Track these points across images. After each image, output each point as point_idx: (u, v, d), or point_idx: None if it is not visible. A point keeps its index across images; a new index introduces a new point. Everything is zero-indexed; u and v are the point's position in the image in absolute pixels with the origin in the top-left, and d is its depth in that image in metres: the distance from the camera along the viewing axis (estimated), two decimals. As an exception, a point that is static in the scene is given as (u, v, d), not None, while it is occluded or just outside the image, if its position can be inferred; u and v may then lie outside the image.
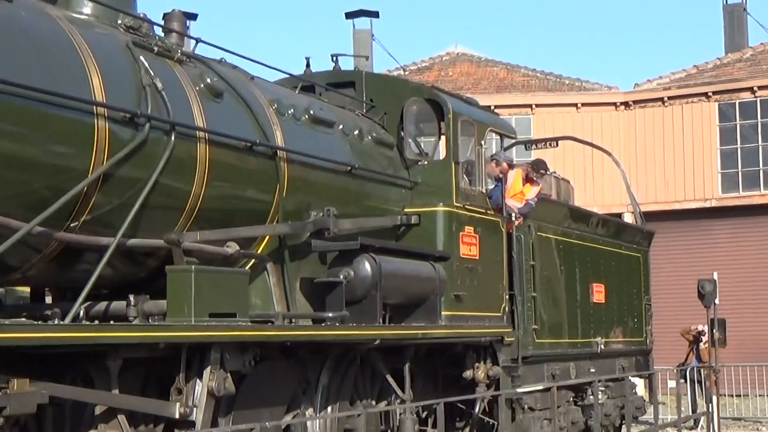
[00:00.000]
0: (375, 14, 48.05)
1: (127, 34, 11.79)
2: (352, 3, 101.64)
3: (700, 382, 26.71)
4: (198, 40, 13.04)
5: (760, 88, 41.92)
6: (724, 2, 48.63)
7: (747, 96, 42.20)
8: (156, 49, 11.95)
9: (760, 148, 41.95)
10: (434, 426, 14.32)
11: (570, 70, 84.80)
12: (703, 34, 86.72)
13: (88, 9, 11.77)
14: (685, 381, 27.60)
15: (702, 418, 24.55)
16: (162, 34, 12.54)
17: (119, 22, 11.92)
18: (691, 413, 25.19)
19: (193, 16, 12.85)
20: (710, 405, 24.08)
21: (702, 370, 25.98)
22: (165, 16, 12.81)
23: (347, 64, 17.85)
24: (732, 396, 30.50)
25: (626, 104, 44.09)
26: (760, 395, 32.27)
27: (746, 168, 42.22)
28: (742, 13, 47.86)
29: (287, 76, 16.18)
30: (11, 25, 10.08)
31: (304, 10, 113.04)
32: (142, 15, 12.34)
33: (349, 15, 48.48)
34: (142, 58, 11.51)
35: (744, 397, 31.85)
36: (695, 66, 45.60)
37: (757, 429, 27.00)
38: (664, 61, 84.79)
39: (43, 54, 10.29)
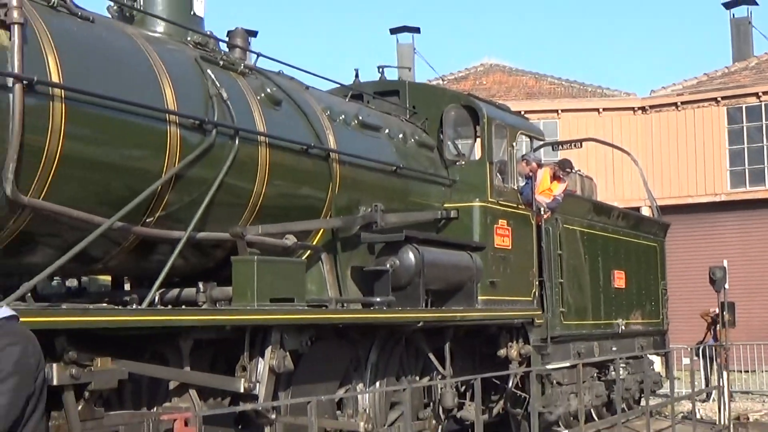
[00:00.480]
0: (416, 30, 48.45)
1: (195, 49, 11.87)
2: (395, 20, 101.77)
3: (712, 359, 26.50)
4: (259, 55, 13.03)
5: (765, 93, 41.68)
6: (731, 16, 48.49)
7: (753, 101, 42.03)
8: (221, 62, 11.99)
9: (765, 147, 41.75)
10: (472, 399, 14.27)
11: (592, 78, 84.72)
12: (713, 43, 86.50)
13: (161, 27, 11.85)
14: (698, 358, 27.49)
15: (714, 391, 24.36)
16: (227, 50, 12.54)
17: (188, 39, 12.01)
18: (704, 387, 24.98)
19: (253, 33, 12.84)
20: (721, 380, 23.89)
21: (714, 348, 25.80)
22: (229, 33, 12.83)
23: (392, 75, 17.80)
24: (741, 372, 30.34)
25: (643, 109, 44.00)
26: (766, 371, 32.03)
27: (752, 166, 42.05)
28: (748, 26, 47.73)
29: (338, 85, 16.18)
30: (94, 43, 10.20)
31: (353, 26, 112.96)
32: (209, 33, 12.39)
33: (393, 31, 48.80)
34: (209, 71, 11.56)
35: (752, 372, 31.73)
36: (705, 74, 45.45)
37: (764, 401, 26.79)
38: (677, 68, 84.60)
39: (122, 68, 10.35)
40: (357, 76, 16.85)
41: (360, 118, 14.42)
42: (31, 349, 6.29)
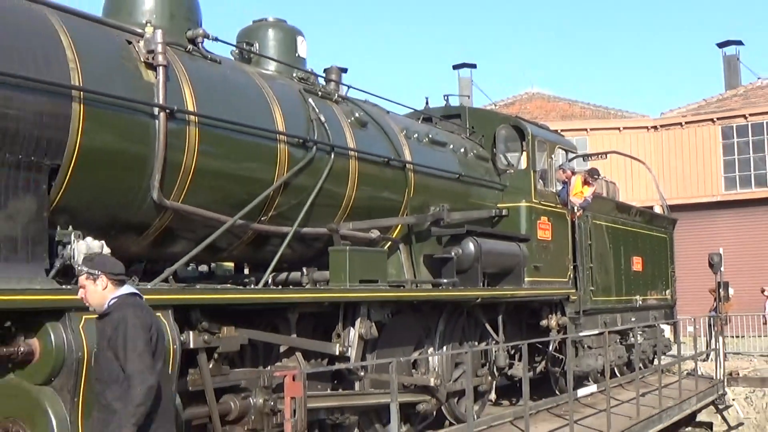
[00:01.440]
0: (473, 66, 48.47)
1: (299, 83, 11.95)
2: (457, 57, 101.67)
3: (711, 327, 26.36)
4: (349, 87, 13.05)
5: (751, 115, 41.82)
6: (724, 53, 48.60)
7: (741, 121, 42.06)
8: (320, 93, 12.08)
9: (751, 158, 41.79)
10: (520, 360, 14.20)
11: (614, 102, 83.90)
12: (709, 74, 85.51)
13: (272, 66, 11.94)
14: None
15: (712, 353, 24.16)
16: (324, 83, 12.56)
17: (294, 75, 12.08)
18: (704, 350, 24.89)
19: (344, 70, 12.77)
20: (717, 343, 23.75)
21: (712, 318, 25.72)
22: (325, 70, 12.84)
23: (454, 102, 17.69)
24: (733, 337, 30.19)
25: (655, 127, 43.82)
26: (753, 336, 32.02)
27: (742, 173, 42.01)
28: (736, 61, 47.74)
29: (412, 110, 16.09)
30: (220, 79, 10.35)
31: (424, 63, 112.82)
32: (309, 70, 12.44)
33: (455, 66, 48.77)
34: (310, 100, 11.64)
35: (742, 337, 31.68)
36: (704, 99, 45.57)
37: (751, 360, 26.64)
38: (682, 93, 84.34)
39: (242, 99, 10.46)
40: (427, 103, 16.83)
41: (430, 136, 14.40)
42: (143, 313, 6.38)
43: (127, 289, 6.62)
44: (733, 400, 23.64)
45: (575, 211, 17.33)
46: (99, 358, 6.46)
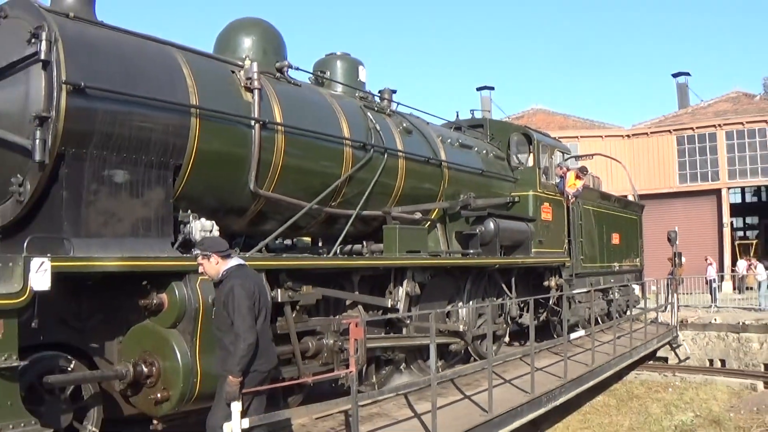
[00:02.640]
0: (492, 88, 48.20)
1: (360, 101, 11.91)
2: (479, 81, 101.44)
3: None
4: (398, 104, 12.98)
5: (698, 127, 42.18)
6: (677, 82, 48.81)
7: (690, 132, 42.41)
8: (376, 108, 12.07)
9: (698, 160, 42.12)
10: (528, 311, 14.17)
11: (598, 116, 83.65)
12: (666, 95, 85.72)
13: (339, 88, 11.91)
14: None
15: (669, 305, 24.08)
16: (379, 101, 12.52)
17: (356, 94, 12.03)
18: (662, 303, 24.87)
19: (394, 91, 12.73)
20: (673, 299, 23.76)
21: (669, 280, 25.71)
22: (380, 91, 12.81)
23: (478, 115, 17.60)
24: (684, 294, 30.14)
25: (628, 136, 43.94)
26: (698, 293, 32.31)
27: (691, 170, 42.37)
28: (686, 87, 48.02)
29: (446, 121, 16.03)
30: (300, 98, 10.34)
31: (455, 86, 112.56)
32: (368, 91, 12.40)
33: (478, 88, 48.50)
34: (368, 113, 11.60)
35: (690, 294, 31.81)
36: (663, 115, 45.78)
37: (696, 311, 26.52)
38: (648, 108, 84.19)
39: (317, 113, 10.43)
40: (457, 116, 16.68)
41: (460, 140, 14.30)
42: (247, 283, 6.44)
43: (235, 261, 6.71)
44: (683, 340, 23.56)
45: (569, 198, 17.21)
46: (217, 315, 6.56)
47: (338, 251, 10.88)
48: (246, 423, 6.30)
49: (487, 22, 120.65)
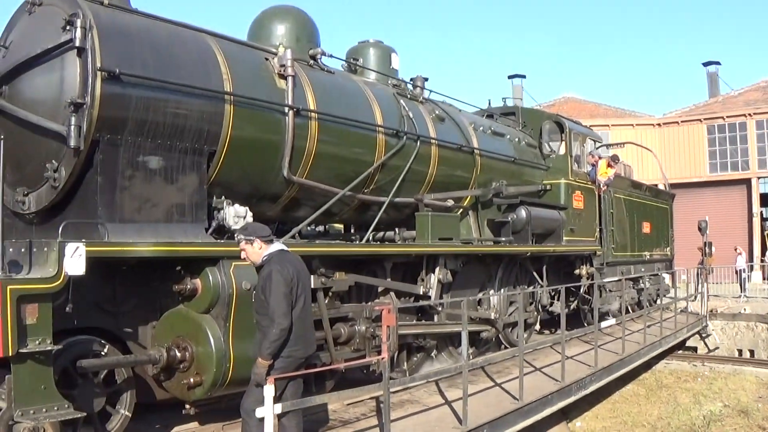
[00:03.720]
0: (523, 76, 47.80)
1: (393, 88, 11.77)
2: (511, 69, 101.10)
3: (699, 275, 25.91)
4: (431, 91, 12.76)
5: (728, 117, 41.49)
6: (707, 71, 47.80)
7: (721, 121, 41.65)
8: (409, 96, 11.88)
9: (728, 149, 41.42)
10: (558, 299, 13.95)
11: (629, 105, 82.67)
12: (697, 84, 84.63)
13: (372, 76, 11.82)
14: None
15: (698, 295, 23.74)
16: (411, 88, 12.31)
17: (389, 82, 11.90)
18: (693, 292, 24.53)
19: (426, 79, 12.56)
20: (703, 288, 23.42)
21: (700, 269, 25.36)
22: (412, 78, 12.58)
23: (510, 103, 17.43)
24: (714, 283, 29.65)
25: (659, 125, 43.36)
26: (728, 283, 31.72)
27: (721, 160, 41.67)
28: (716, 76, 47.04)
29: (478, 109, 15.78)
30: (333, 85, 10.19)
31: (487, 74, 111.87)
32: (401, 79, 12.24)
33: (510, 76, 48.10)
34: (401, 101, 11.43)
35: (720, 284, 31.16)
36: (694, 104, 44.91)
37: (726, 301, 26.10)
38: (680, 98, 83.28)
39: (350, 100, 10.31)
40: (489, 103, 16.51)
41: (492, 128, 14.08)
42: (286, 269, 6.34)
43: (277, 246, 6.63)
44: (713, 330, 23.23)
45: (601, 187, 16.95)
46: (256, 298, 6.48)
47: (371, 238, 10.76)
48: (279, 408, 6.23)
49: (517, 10, 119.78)
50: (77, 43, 6.85)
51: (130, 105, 7.19)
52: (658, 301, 21.41)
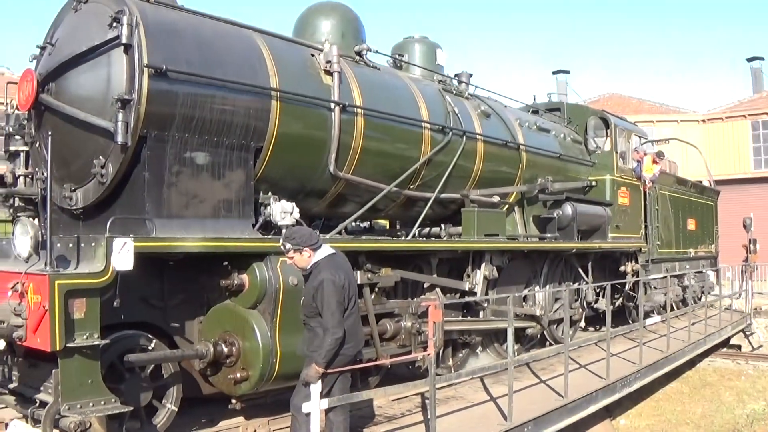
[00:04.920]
0: (568, 72, 47.46)
1: (438, 84, 11.52)
2: (555, 65, 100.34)
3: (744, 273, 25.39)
4: (476, 86, 12.50)
5: None
6: (751, 66, 46.86)
7: (765, 117, 40.67)
8: (454, 91, 11.62)
9: None
10: (604, 296, 13.68)
11: (673, 101, 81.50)
12: (741, 79, 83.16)
13: (418, 71, 11.59)
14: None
15: (743, 292, 23.23)
16: (457, 84, 12.08)
17: (434, 78, 11.66)
18: (738, 290, 24.03)
19: (471, 75, 12.35)
20: (748, 285, 22.92)
21: (744, 266, 24.85)
22: (456, 74, 12.39)
23: (555, 98, 17.20)
24: (759, 281, 28.96)
25: (703, 121, 42.40)
26: (773, 281, 30.94)
27: (766, 156, 40.64)
28: (760, 72, 46.11)
29: (523, 105, 15.50)
30: (379, 81, 10.00)
31: (533, 70, 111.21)
32: (446, 74, 12.01)
33: (554, 72, 47.68)
34: (447, 96, 11.18)
35: (764, 281, 30.25)
36: (738, 100, 43.88)
37: (771, 300, 25.70)
38: (725, 93, 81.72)
39: (396, 95, 10.10)
40: (534, 99, 16.26)
41: (537, 124, 13.77)
42: (337, 275, 6.20)
43: (326, 251, 6.46)
44: (757, 328, 22.69)
45: (646, 183, 16.55)
46: (306, 304, 6.36)
47: (416, 234, 10.59)
48: (325, 404, 6.15)
49: (561, 6, 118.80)
50: (124, 40, 6.75)
51: (177, 101, 7.07)
52: (703, 299, 20.94)
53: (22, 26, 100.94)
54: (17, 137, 7.94)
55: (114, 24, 6.82)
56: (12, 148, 7.95)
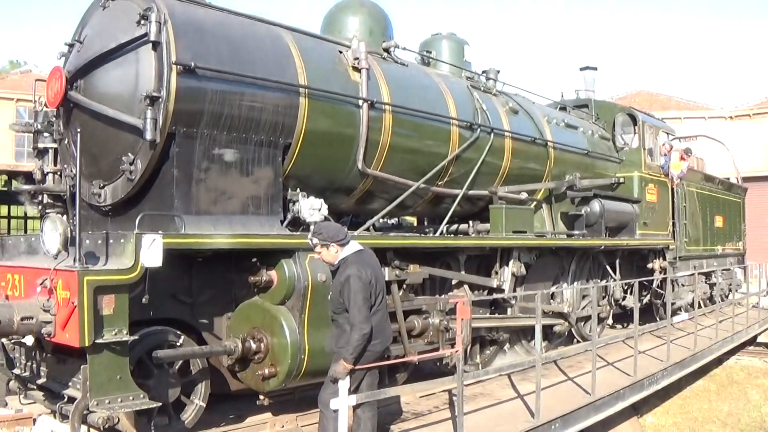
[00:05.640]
0: (595, 68, 47.13)
1: (466, 80, 11.33)
2: (582, 61, 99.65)
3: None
4: (504, 83, 12.31)
5: None
6: None
7: None
8: (482, 88, 11.45)
9: None
10: (631, 294, 13.46)
11: (701, 98, 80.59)
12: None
13: (446, 68, 11.38)
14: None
15: (771, 289, 22.95)
16: (485, 81, 11.91)
17: (462, 74, 11.47)
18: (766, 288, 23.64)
19: (498, 71, 12.20)
20: (776, 283, 22.68)
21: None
22: (484, 71, 12.20)
23: (582, 95, 16.97)
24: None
25: (731, 117, 42.07)
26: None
27: None
28: None
29: (551, 101, 15.26)
30: (407, 78, 9.86)
31: (559, 66, 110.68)
32: (474, 71, 11.82)
33: (581, 68, 47.45)
34: (475, 93, 10.99)
35: (793, 279, 30.00)
36: (766, 97, 43.27)
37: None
38: (752, 90, 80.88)
39: (423, 92, 9.93)
40: (562, 96, 16.05)
41: (565, 120, 13.55)
42: (364, 271, 6.12)
43: (353, 247, 6.39)
44: (785, 326, 22.35)
45: (674, 180, 16.27)
46: (333, 300, 6.32)
47: (444, 231, 10.42)
48: (353, 400, 6.09)
49: (589, 3, 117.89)
50: (152, 37, 6.69)
51: (206, 98, 6.98)
52: (730, 297, 20.52)
53: (48, 24, 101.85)
54: (45, 134, 7.91)
55: (142, 21, 6.77)
56: (40, 145, 7.91)
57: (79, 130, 6.23)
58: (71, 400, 6.15)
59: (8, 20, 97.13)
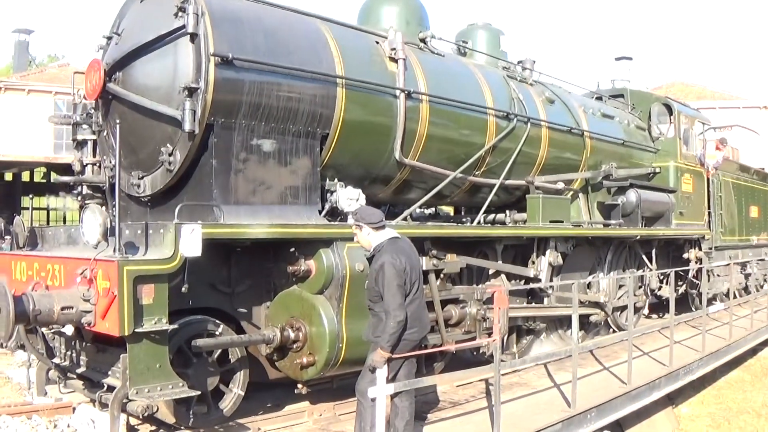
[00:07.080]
0: (630, 58, 46.52)
1: (503, 70, 11.05)
2: (618, 52, 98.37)
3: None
4: (540, 73, 11.99)
5: None
6: None
7: None
8: (518, 78, 11.16)
9: None
10: (667, 283, 13.13)
11: (736, 89, 79.06)
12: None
13: (482, 58, 11.13)
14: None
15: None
16: (521, 70, 11.64)
17: (499, 64, 11.19)
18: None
19: (534, 61, 11.96)
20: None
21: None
22: (520, 61, 11.90)
23: (618, 84, 16.67)
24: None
25: (766, 107, 41.07)
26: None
27: None
28: None
29: (587, 91, 14.92)
30: (443, 68, 9.63)
31: (596, 57, 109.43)
32: (510, 61, 11.55)
33: (617, 59, 46.94)
34: (511, 83, 10.71)
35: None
36: None
37: None
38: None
39: (460, 82, 9.72)
40: (598, 86, 15.67)
41: (601, 110, 13.22)
42: (398, 259, 5.90)
43: (389, 233, 6.17)
44: (823, 316, 21.77)
45: (710, 170, 15.83)
46: (369, 286, 6.15)
47: (481, 220, 10.20)
48: (391, 389, 5.90)
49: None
50: (190, 29, 6.56)
51: (244, 89, 6.84)
52: (765, 287, 19.98)
53: (85, 20, 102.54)
54: (84, 126, 7.82)
55: (180, 13, 6.64)
56: (80, 137, 7.83)
57: (118, 121, 6.13)
58: (111, 388, 6.09)
59: (47, 16, 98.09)
